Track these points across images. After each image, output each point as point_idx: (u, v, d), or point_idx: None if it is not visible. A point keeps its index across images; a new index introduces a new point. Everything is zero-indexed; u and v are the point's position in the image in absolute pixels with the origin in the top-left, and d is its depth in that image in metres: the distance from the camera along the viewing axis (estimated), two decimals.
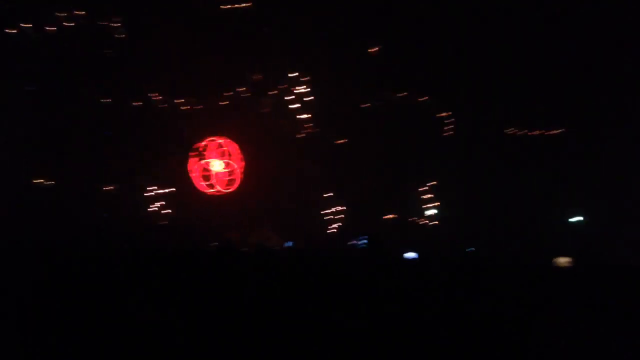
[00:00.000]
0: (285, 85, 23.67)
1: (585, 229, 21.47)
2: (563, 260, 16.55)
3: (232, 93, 23.29)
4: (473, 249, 17.45)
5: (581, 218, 22.11)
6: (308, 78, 23.59)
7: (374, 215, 22.01)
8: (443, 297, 8.60)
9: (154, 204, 22.87)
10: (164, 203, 22.97)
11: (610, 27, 20.59)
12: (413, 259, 15.79)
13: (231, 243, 13.05)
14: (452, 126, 22.72)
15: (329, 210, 23.19)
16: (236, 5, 22.69)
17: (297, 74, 23.62)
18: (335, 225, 23.03)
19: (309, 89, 23.66)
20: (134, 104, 22.74)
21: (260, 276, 9.08)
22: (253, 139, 23.74)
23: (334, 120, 23.19)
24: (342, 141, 23.07)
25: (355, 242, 21.84)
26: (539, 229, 20.57)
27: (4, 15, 21.55)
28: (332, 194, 23.24)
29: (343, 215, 23.09)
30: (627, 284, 9.22)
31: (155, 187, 22.96)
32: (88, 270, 9.32)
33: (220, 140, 24.05)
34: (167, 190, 23.18)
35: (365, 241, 21.40)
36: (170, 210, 22.95)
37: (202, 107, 23.22)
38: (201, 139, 23.95)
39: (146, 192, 22.81)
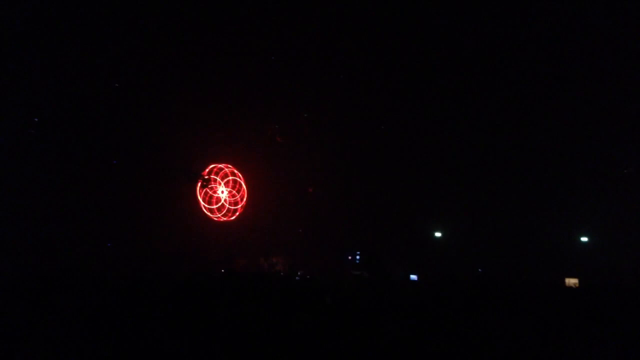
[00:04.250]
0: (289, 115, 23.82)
1: (591, 249, 21.41)
2: (571, 281, 16.58)
3: (238, 122, 23.38)
4: (480, 270, 17.41)
5: (586, 239, 22.05)
6: (311, 108, 23.70)
7: (381, 238, 21.91)
8: (448, 315, 8.66)
9: (160, 232, 22.60)
10: (169, 230, 22.78)
11: None
12: (414, 281, 15.83)
13: (235, 270, 13.07)
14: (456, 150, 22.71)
15: (334, 234, 23.01)
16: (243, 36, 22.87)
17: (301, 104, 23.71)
18: (341, 248, 22.84)
19: (308, 116, 23.80)
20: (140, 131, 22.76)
21: (263, 299, 9.17)
22: (258, 165, 23.88)
23: (338, 143, 23.20)
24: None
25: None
26: (547, 249, 20.50)
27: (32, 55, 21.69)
28: (336, 218, 23.10)
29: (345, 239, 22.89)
30: (633, 303, 9.29)
31: (161, 215, 22.76)
32: (99, 297, 9.42)
33: (224, 167, 24.23)
34: (171, 218, 22.99)
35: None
36: (176, 238, 22.78)
37: (207, 135, 23.31)
38: (206, 166, 24.13)
39: (152, 221, 22.58)
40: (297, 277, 16.12)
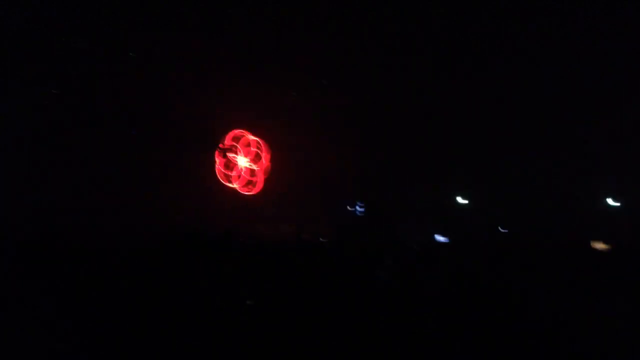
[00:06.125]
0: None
1: (622, 214, 20.95)
2: (600, 245, 16.06)
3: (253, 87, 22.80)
4: (507, 230, 17.10)
5: (618, 203, 21.55)
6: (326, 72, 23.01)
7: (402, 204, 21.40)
8: (473, 280, 8.42)
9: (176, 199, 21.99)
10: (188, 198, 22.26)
11: None
12: (444, 243, 15.53)
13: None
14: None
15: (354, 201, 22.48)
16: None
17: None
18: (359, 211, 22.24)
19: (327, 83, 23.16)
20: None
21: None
22: (277, 133, 23.38)
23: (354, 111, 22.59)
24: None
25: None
26: (576, 213, 20.07)
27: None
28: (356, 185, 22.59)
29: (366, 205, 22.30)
30: None
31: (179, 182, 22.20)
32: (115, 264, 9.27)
33: (247, 135, 23.76)
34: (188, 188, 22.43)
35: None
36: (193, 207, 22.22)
37: (227, 101, 22.78)
38: (226, 133, 23.67)
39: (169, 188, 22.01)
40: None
